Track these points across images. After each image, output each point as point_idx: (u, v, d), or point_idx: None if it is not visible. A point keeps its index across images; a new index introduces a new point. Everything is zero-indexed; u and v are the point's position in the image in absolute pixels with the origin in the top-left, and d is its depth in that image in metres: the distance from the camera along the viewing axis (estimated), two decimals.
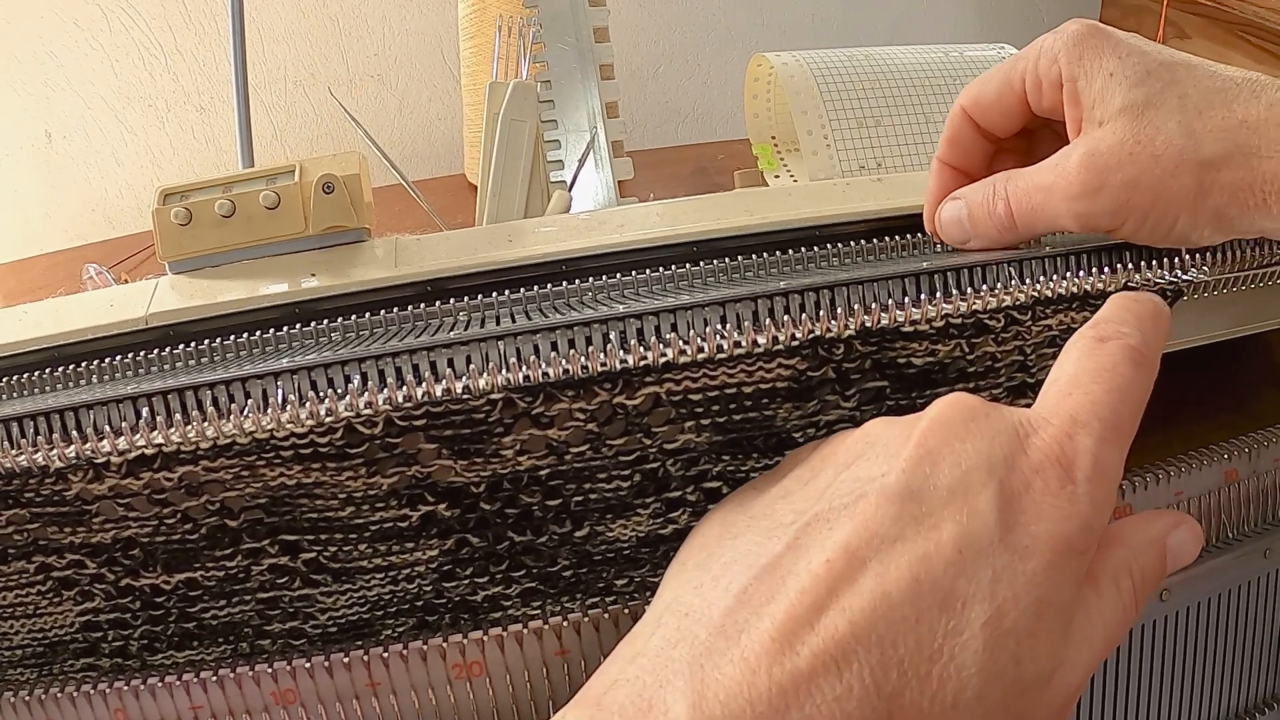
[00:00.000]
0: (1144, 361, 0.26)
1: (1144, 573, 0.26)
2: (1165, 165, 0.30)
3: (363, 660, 0.30)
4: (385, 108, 1.18)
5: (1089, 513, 0.24)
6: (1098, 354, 0.26)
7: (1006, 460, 0.24)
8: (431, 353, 0.28)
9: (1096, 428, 0.25)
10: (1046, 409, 0.25)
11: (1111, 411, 0.25)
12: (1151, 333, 0.27)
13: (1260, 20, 1.06)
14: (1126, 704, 0.36)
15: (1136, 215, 0.31)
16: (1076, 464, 0.24)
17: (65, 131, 1.10)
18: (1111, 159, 0.31)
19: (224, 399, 0.27)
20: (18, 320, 0.33)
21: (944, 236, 0.35)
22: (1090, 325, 0.27)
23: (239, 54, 0.54)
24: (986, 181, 0.34)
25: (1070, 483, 0.24)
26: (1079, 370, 0.26)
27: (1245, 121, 0.30)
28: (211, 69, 1.11)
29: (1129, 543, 0.26)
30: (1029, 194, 0.32)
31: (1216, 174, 0.30)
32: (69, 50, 1.07)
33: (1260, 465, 0.38)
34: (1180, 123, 0.30)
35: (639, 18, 1.23)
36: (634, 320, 0.29)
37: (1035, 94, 0.33)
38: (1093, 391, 0.25)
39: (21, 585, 0.30)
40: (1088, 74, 0.32)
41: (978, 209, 0.34)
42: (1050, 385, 0.26)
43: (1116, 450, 0.25)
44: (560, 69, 0.49)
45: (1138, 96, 0.31)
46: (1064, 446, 0.24)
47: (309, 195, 0.34)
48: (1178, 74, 0.31)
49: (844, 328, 0.29)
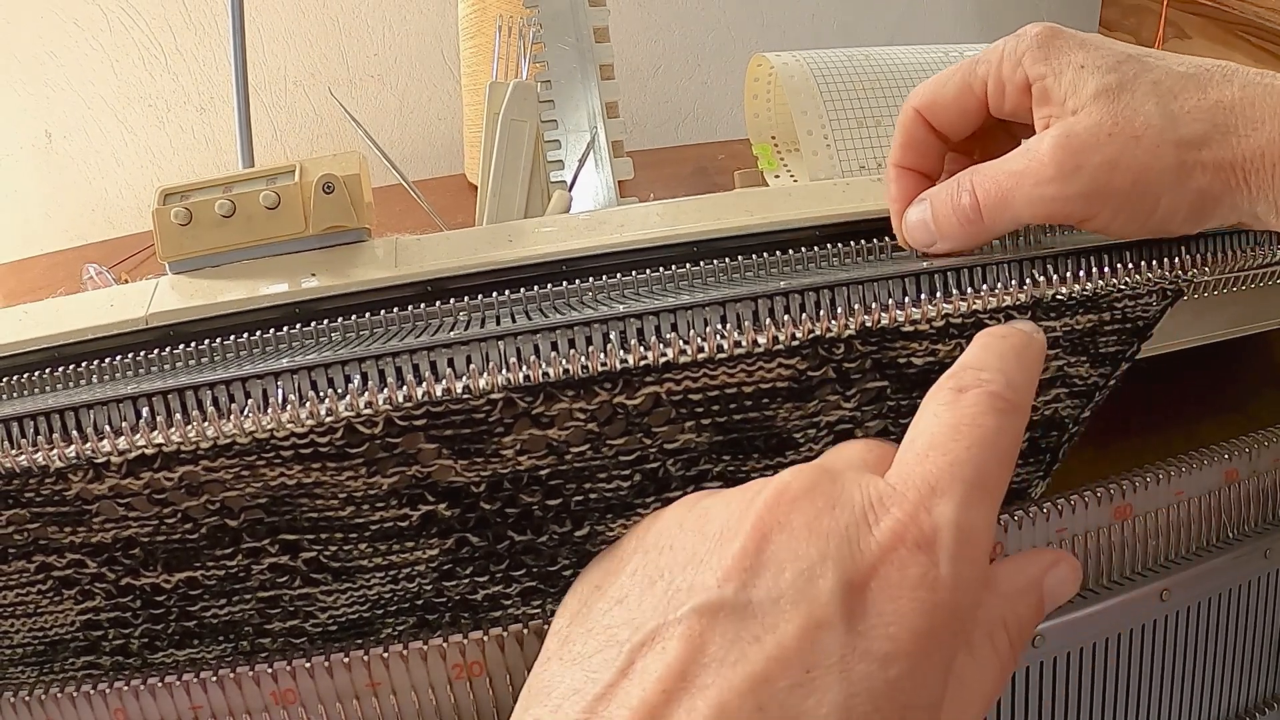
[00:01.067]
0: (1010, 407, 0.25)
1: (1020, 624, 0.25)
2: (1146, 145, 0.29)
3: (363, 660, 0.30)
4: (385, 108, 1.18)
5: (955, 595, 0.22)
6: (956, 407, 0.24)
7: (853, 550, 0.22)
8: (431, 353, 0.28)
9: (958, 492, 0.23)
10: (901, 477, 0.23)
11: (974, 471, 0.23)
12: (1017, 371, 0.26)
13: (1260, 20, 1.06)
14: (1126, 704, 0.36)
15: (1115, 199, 0.30)
16: (937, 540, 0.22)
17: (65, 131, 1.10)
18: (1089, 139, 0.30)
19: (224, 399, 0.27)
20: (18, 320, 0.33)
21: (910, 241, 0.34)
22: (948, 374, 0.26)
23: (239, 54, 0.54)
24: (951, 179, 0.33)
25: (931, 565, 0.22)
26: (936, 428, 0.24)
27: (1220, 103, 0.29)
28: (211, 69, 1.11)
29: (1003, 591, 0.25)
30: (997, 181, 0.31)
31: (1197, 153, 0.29)
32: (69, 50, 1.07)
33: (1260, 465, 0.38)
34: (1157, 104, 0.30)
35: (639, 18, 1.23)
36: (634, 320, 0.29)
37: (997, 97, 0.33)
38: (952, 451, 0.23)
39: (22, 584, 0.30)
40: (1056, 71, 0.31)
41: (941, 206, 0.32)
42: (906, 448, 0.24)
43: (984, 512, 0.23)
44: (560, 69, 0.49)
45: (1111, 81, 0.30)
46: (920, 522, 0.22)
47: (309, 195, 0.34)
48: (1148, 62, 0.31)
49: (844, 328, 0.29)
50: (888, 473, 0.24)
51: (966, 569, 0.22)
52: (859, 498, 0.23)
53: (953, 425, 0.24)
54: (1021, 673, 0.34)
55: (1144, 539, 0.36)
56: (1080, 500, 0.34)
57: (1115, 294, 0.32)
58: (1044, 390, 0.34)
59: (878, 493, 0.23)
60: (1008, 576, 0.25)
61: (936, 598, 0.22)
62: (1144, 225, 0.30)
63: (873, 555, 0.22)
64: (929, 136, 0.35)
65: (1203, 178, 0.29)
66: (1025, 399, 0.25)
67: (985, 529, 0.23)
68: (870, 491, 0.23)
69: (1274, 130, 0.29)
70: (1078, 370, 0.34)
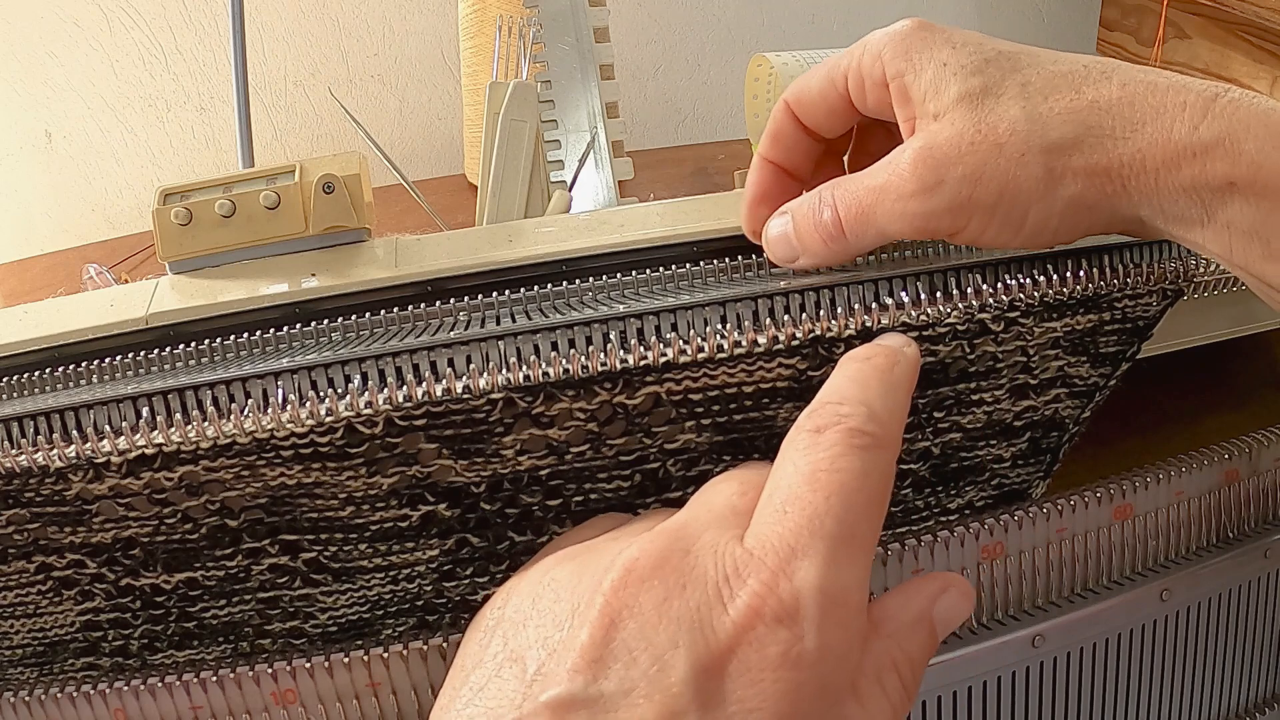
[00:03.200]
0: (873, 442, 0.23)
1: (912, 662, 0.23)
2: (1010, 154, 0.27)
3: (363, 660, 0.30)
4: (385, 108, 1.18)
5: (823, 668, 0.20)
6: (814, 452, 0.23)
7: (705, 633, 0.20)
8: (431, 353, 0.28)
9: (821, 549, 0.21)
10: (758, 540, 0.22)
11: (837, 522, 0.22)
12: (881, 399, 0.24)
13: (1260, 20, 1.06)
14: (1126, 704, 0.36)
15: (981, 212, 0.28)
16: (800, 609, 0.20)
17: (65, 131, 1.10)
18: (950, 150, 0.28)
19: (224, 399, 0.27)
20: (18, 320, 0.33)
21: (771, 255, 0.32)
22: (806, 412, 0.24)
23: (239, 54, 0.54)
24: (814, 192, 0.31)
25: (794, 639, 0.20)
26: (794, 479, 0.22)
27: (1096, 103, 0.27)
28: (211, 69, 1.11)
29: (890, 630, 0.24)
30: (858, 196, 0.29)
31: (1067, 159, 0.27)
32: (69, 50, 1.07)
33: (1260, 465, 0.38)
34: (1024, 108, 0.27)
35: (639, 18, 1.23)
36: (634, 320, 0.29)
37: (859, 93, 0.31)
38: (811, 504, 0.22)
39: (22, 585, 0.30)
40: (916, 67, 0.29)
41: (803, 221, 0.30)
42: (765, 504, 0.23)
43: (854, 567, 0.22)
44: (560, 69, 0.49)
45: (975, 84, 0.28)
46: (779, 591, 0.21)
47: (309, 195, 0.34)
48: (1019, 61, 0.28)
49: (844, 328, 0.29)
50: (746, 533, 0.22)
51: (836, 635, 0.21)
52: (712, 570, 0.21)
53: (810, 474, 0.22)
54: (1021, 672, 0.34)
55: (1144, 539, 0.36)
56: (1080, 500, 0.34)
57: (1115, 294, 0.32)
58: (1044, 390, 0.34)
59: (733, 562, 0.21)
60: (893, 614, 0.24)
61: (801, 676, 0.20)
62: (1016, 237, 0.28)
63: (728, 636, 0.20)
64: (798, 132, 0.33)
65: (1074, 185, 0.27)
66: (892, 428, 0.24)
67: (855, 585, 0.22)
68: (725, 561, 0.21)
69: (1157, 131, 0.26)
70: (1078, 370, 0.34)
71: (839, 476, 0.22)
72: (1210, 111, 0.26)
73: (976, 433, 0.34)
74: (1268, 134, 0.25)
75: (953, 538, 0.32)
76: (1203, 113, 0.26)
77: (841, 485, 0.22)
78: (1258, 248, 0.26)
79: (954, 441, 0.34)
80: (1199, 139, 0.26)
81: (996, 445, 0.34)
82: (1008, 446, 0.35)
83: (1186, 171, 0.26)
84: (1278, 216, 0.25)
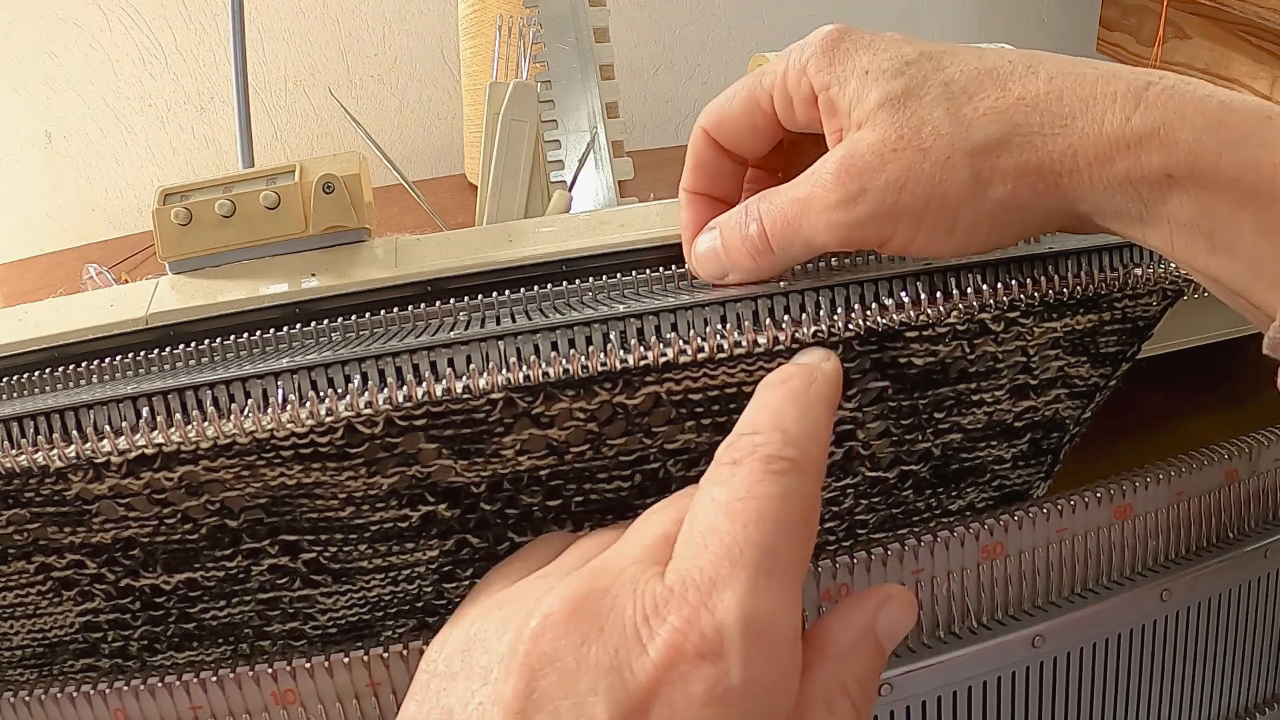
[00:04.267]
0: (790, 467, 0.22)
1: (861, 682, 0.23)
2: (934, 158, 0.26)
3: (363, 660, 0.30)
4: (385, 108, 1.18)
5: (753, 701, 0.20)
6: (731, 483, 0.22)
7: (624, 678, 0.20)
8: (431, 353, 0.28)
9: (742, 579, 0.20)
10: (679, 575, 0.21)
11: (757, 550, 0.21)
12: (797, 422, 0.24)
13: (1260, 20, 1.06)
14: (1126, 704, 0.36)
15: (908, 218, 0.27)
16: (724, 641, 0.20)
17: (65, 131, 1.10)
18: (872, 158, 0.27)
19: (224, 399, 0.27)
20: (18, 320, 0.33)
21: (699, 272, 0.31)
22: (723, 445, 0.24)
23: (239, 54, 0.54)
24: (740, 205, 0.30)
25: (719, 675, 0.20)
26: (713, 512, 0.22)
27: (1022, 99, 0.26)
28: (211, 69, 1.11)
29: (834, 652, 0.23)
30: (783, 209, 0.28)
31: (995, 160, 0.26)
32: (69, 50, 1.07)
33: (1260, 465, 0.38)
34: (947, 110, 0.26)
35: (639, 18, 1.23)
36: (634, 320, 0.29)
37: (786, 111, 0.30)
38: (731, 535, 0.21)
39: (21, 585, 0.30)
40: (840, 78, 0.28)
41: (730, 236, 0.30)
42: (684, 539, 0.22)
43: (780, 594, 0.21)
44: (560, 69, 0.49)
45: (896, 88, 0.27)
46: (701, 626, 0.20)
47: (309, 195, 0.34)
48: (941, 61, 0.27)
49: (844, 328, 0.29)
50: (667, 570, 0.22)
51: (764, 666, 0.20)
52: (630, 611, 0.21)
53: (727, 505, 0.22)
54: (1021, 672, 0.34)
55: (1144, 539, 0.36)
56: (1080, 500, 0.34)
57: (1115, 294, 0.32)
58: (1044, 390, 0.34)
59: (652, 599, 0.21)
60: (836, 635, 0.24)
61: (729, 712, 0.19)
62: (947, 243, 0.27)
63: (647, 677, 0.20)
64: (721, 158, 0.32)
65: (1003, 187, 0.26)
66: (810, 450, 0.23)
67: (783, 612, 0.21)
68: (644, 599, 0.21)
69: (1087, 125, 0.25)
70: (1078, 370, 0.34)
71: (756, 503, 0.22)
72: (1143, 101, 0.25)
73: (977, 433, 0.34)
74: (1204, 122, 0.24)
75: (953, 538, 0.32)
76: (1135, 103, 0.25)
77: (759, 512, 0.22)
78: (1200, 241, 0.25)
79: (954, 442, 0.34)
80: (1132, 130, 0.25)
81: (997, 446, 0.34)
82: (1008, 447, 0.35)
83: (1121, 165, 0.25)
84: (1220, 207, 0.24)
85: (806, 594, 0.30)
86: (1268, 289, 0.24)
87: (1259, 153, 0.24)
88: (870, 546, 0.31)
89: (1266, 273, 0.24)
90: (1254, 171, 0.24)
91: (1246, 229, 0.24)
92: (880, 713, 0.32)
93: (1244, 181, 0.24)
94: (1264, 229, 0.24)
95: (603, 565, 0.23)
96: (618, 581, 0.22)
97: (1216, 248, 0.25)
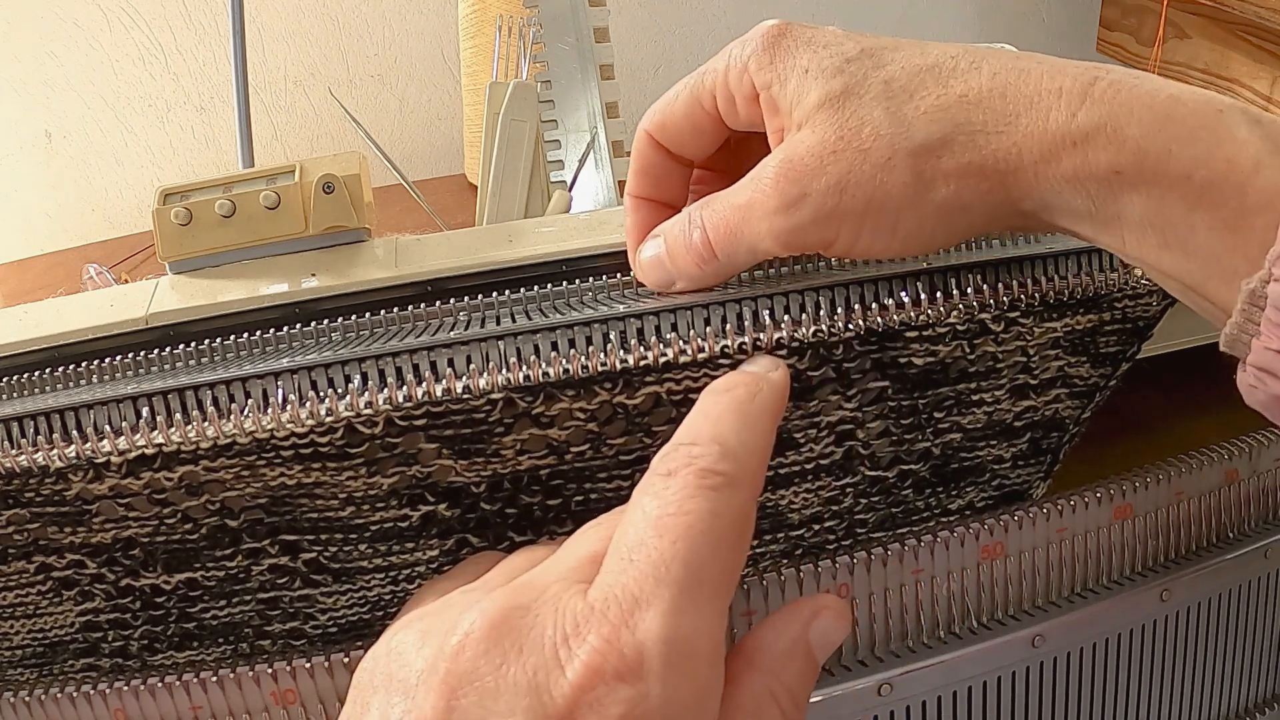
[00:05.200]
0: (725, 482, 0.22)
1: (792, 692, 0.23)
2: (875, 159, 0.25)
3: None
4: (385, 108, 1.18)
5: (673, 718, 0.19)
6: (663, 496, 0.22)
7: (542, 699, 0.19)
8: (431, 353, 0.28)
9: (666, 597, 0.20)
10: (602, 592, 0.21)
11: (684, 568, 0.20)
12: (737, 434, 0.23)
13: (1260, 20, 1.06)
14: (1126, 704, 0.36)
15: (850, 221, 0.26)
16: (644, 661, 0.19)
17: (65, 131, 1.11)
18: (812, 161, 0.26)
19: (224, 399, 0.27)
20: (18, 320, 0.33)
21: (645, 280, 0.30)
22: (659, 455, 0.23)
23: (239, 54, 0.54)
24: (684, 212, 0.30)
25: (638, 697, 0.19)
26: (642, 525, 0.21)
27: (965, 97, 0.25)
28: (211, 69, 1.11)
29: (765, 663, 0.23)
30: (725, 216, 0.28)
31: (937, 161, 0.25)
32: (69, 50, 1.07)
33: (1260, 465, 0.38)
34: (887, 109, 0.26)
35: (639, 18, 1.23)
36: (634, 320, 0.29)
37: (729, 111, 0.29)
38: (658, 550, 0.21)
39: (22, 585, 0.30)
40: (781, 77, 0.27)
41: (675, 244, 0.29)
42: (611, 554, 0.22)
43: (703, 613, 0.21)
44: (560, 69, 0.49)
45: (836, 86, 0.26)
46: (621, 645, 0.19)
47: (309, 195, 0.34)
48: (882, 58, 0.27)
49: (844, 328, 0.29)
50: (591, 586, 0.21)
51: (684, 687, 0.20)
52: (551, 630, 0.20)
53: (657, 519, 0.21)
54: (1021, 672, 0.34)
55: (1144, 539, 0.35)
56: (1080, 500, 0.34)
57: (1115, 294, 0.32)
58: (1044, 390, 0.34)
59: (573, 618, 0.20)
60: (768, 645, 0.24)
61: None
62: (890, 245, 0.27)
63: (565, 700, 0.19)
64: (665, 162, 0.31)
65: (946, 188, 0.25)
66: (748, 464, 0.23)
67: (706, 632, 0.20)
68: (565, 618, 0.20)
69: (1031, 122, 0.25)
70: (1078, 370, 0.34)
71: (686, 519, 0.21)
72: (1089, 96, 0.24)
73: (977, 433, 0.34)
74: (1153, 117, 0.24)
75: (953, 538, 0.32)
76: (1080, 98, 0.24)
77: (689, 528, 0.21)
78: (1153, 238, 0.24)
79: (954, 442, 0.34)
80: (1078, 127, 0.24)
81: (997, 446, 0.34)
82: (1008, 447, 0.35)
83: (1068, 163, 0.24)
84: (1171, 204, 0.24)
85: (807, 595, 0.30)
86: (1221, 285, 0.24)
87: (1210, 148, 0.23)
88: (870, 546, 0.31)
89: (1220, 269, 0.23)
90: (1205, 167, 0.23)
91: (1199, 225, 0.23)
92: (880, 713, 0.32)
93: (1195, 178, 0.23)
94: (1216, 225, 0.23)
95: (528, 582, 0.22)
96: (540, 599, 0.21)
97: (1169, 244, 0.24)
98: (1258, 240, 0.23)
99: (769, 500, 0.33)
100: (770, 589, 0.29)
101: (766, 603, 0.29)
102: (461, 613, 0.22)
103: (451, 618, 0.22)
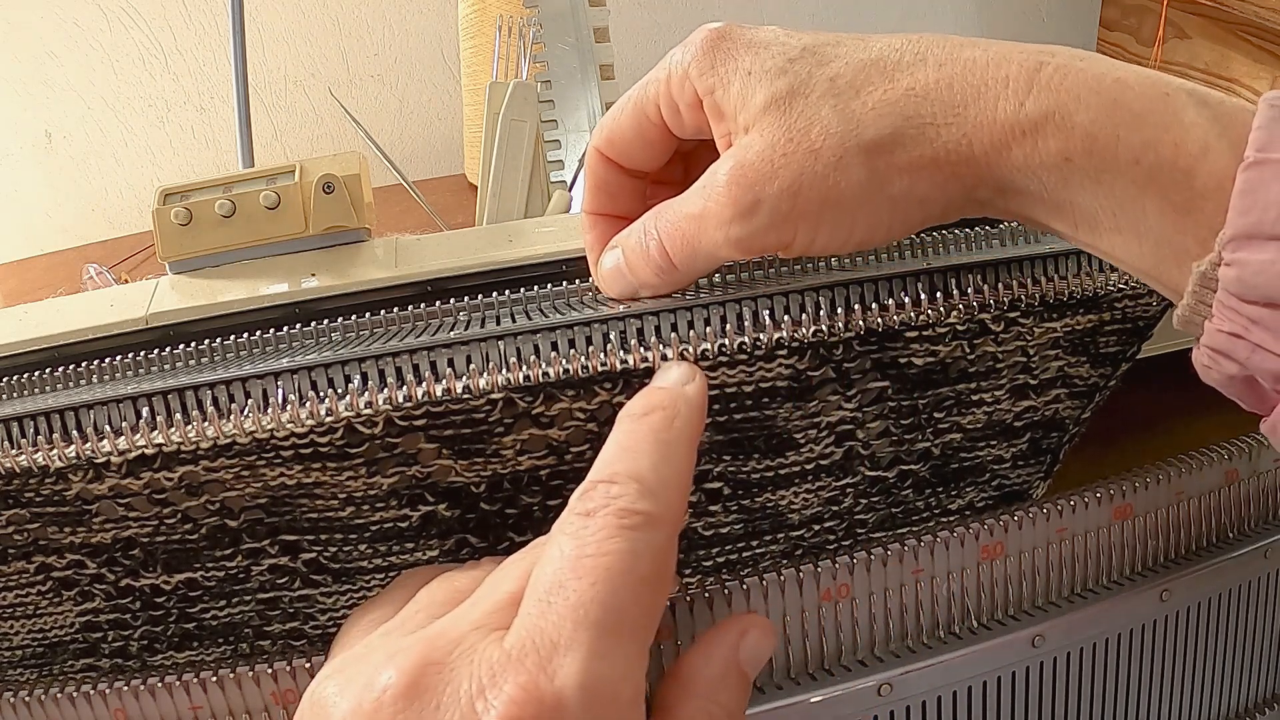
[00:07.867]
0: (645, 520, 0.22)
1: (729, 712, 0.23)
2: (826, 159, 0.25)
3: None
4: (385, 108, 1.18)
5: None
6: (581, 536, 0.22)
7: None
8: (431, 353, 0.28)
9: (584, 642, 0.20)
10: (519, 639, 0.20)
11: (603, 611, 0.20)
12: (654, 468, 0.23)
13: (1260, 20, 1.06)
14: (1126, 704, 0.36)
15: (806, 223, 0.26)
16: (563, 710, 0.19)
17: (65, 131, 1.11)
18: (763, 166, 0.26)
19: (224, 399, 0.27)
20: (18, 320, 0.33)
21: (608, 291, 0.30)
22: (577, 494, 0.23)
23: (239, 54, 0.54)
24: (639, 221, 0.29)
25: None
26: (560, 566, 0.21)
27: (912, 90, 0.25)
28: (211, 69, 1.11)
29: (699, 688, 0.23)
30: (679, 226, 0.28)
31: (890, 157, 0.25)
32: (69, 50, 1.07)
33: (1260, 465, 0.38)
34: (835, 107, 0.25)
35: (639, 18, 1.23)
36: (634, 320, 0.29)
37: (675, 119, 0.29)
38: (576, 593, 0.20)
39: (21, 585, 0.30)
40: (724, 81, 0.27)
41: (633, 255, 0.29)
42: (529, 596, 0.21)
43: (623, 656, 0.20)
44: (560, 69, 0.49)
45: (781, 87, 0.26)
46: (540, 693, 0.19)
47: (309, 195, 0.34)
48: (825, 54, 0.26)
49: (844, 328, 0.29)
50: (508, 633, 0.21)
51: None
52: (467, 683, 0.20)
53: (575, 560, 0.21)
54: (1021, 672, 0.34)
55: (1144, 539, 0.35)
56: (1080, 500, 0.34)
57: (1115, 294, 0.32)
58: (1044, 390, 0.34)
59: (489, 668, 0.20)
60: (699, 670, 0.24)
61: None
62: (848, 242, 0.27)
63: None
64: (619, 177, 0.31)
65: (900, 182, 0.25)
66: (668, 499, 0.23)
67: (624, 676, 0.20)
68: (481, 669, 0.20)
69: (980, 113, 0.25)
70: (1078, 370, 0.34)
71: (605, 560, 0.21)
72: (1035, 84, 0.24)
73: (977, 433, 0.34)
74: (1100, 102, 0.24)
75: (953, 538, 0.32)
76: (1027, 87, 0.24)
77: (608, 569, 0.21)
78: (1105, 221, 0.24)
79: (954, 442, 0.34)
80: (1026, 116, 0.24)
81: (997, 446, 0.34)
82: (1008, 447, 0.35)
83: (1018, 152, 0.24)
84: (1121, 189, 0.24)
85: (807, 595, 0.30)
86: (1173, 268, 0.24)
87: (1158, 132, 0.23)
88: (870, 546, 0.31)
89: (1171, 252, 0.24)
90: (1153, 151, 0.23)
91: (1149, 209, 0.23)
92: (880, 713, 0.32)
93: (1143, 162, 0.23)
94: (1166, 209, 0.23)
95: (442, 631, 0.22)
96: (456, 650, 0.21)
97: (1120, 228, 0.24)
98: (1207, 223, 0.23)
99: (769, 500, 0.33)
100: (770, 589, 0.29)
101: (766, 603, 0.29)
102: (378, 667, 0.21)
103: (368, 671, 0.21)
